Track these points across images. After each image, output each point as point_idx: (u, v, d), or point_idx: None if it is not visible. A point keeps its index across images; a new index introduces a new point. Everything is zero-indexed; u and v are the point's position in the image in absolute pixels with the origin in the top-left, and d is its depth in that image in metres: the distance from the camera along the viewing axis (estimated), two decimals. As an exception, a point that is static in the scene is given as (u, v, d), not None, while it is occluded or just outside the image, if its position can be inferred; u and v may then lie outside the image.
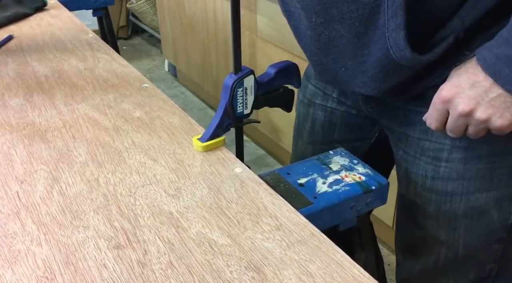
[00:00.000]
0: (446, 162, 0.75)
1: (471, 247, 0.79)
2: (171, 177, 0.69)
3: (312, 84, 0.94)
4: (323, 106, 0.92)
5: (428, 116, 0.70)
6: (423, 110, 0.73)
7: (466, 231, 0.78)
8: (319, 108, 0.93)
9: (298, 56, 1.74)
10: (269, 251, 0.57)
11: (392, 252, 1.74)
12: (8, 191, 0.67)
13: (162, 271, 0.54)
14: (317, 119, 0.94)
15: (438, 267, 0.82)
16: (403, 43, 0.62)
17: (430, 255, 0.82)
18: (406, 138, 0.80)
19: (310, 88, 0.94)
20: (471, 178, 0.74)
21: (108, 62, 1.08)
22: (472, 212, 0.76)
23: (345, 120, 0.91)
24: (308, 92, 0.95)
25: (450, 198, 0.76)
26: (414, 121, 0.77)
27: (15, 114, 0.86)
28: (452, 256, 0.80)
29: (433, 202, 0.78)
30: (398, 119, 0.80)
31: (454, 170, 0.75)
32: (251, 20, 1.99)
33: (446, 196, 0.77)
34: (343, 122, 0.91)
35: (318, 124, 0.94)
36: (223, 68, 2.36)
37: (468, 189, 0.75)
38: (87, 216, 0.62)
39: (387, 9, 0.61)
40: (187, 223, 0.61)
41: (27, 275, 0.54)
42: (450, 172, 0.75)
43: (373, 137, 0.92)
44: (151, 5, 3.40)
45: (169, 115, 0.85)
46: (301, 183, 0.74)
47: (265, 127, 2.16)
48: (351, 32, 0.67)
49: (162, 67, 3.35)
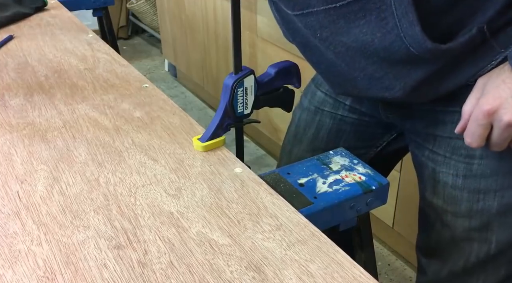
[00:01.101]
0: (480, 159, 0.74)
1: (504, 244, 0.77)
2: (171, 177, 0.69)
3: (322, 91, 0.93)
4: (332, 114, 0.91)
5: (469, 134, 0.67)
6: (454, 109, 0.72)
7: (499, 228, 0.76)
8: (327, 116, 0.92)
9: (298, 56, 1.74)
10: (269, 251, 0.57)
11: (392, 252, 1.75)
12: (8, 191, 0.67)
13: (163, 271, 0.54)
14: (323, 126, 0.93)
15: (468, 267, 0.80)
16: (421, 37, 0.62)
17: (460, 256, 0.80)
18: (434, 139, 0.78)
19: (319, 95, 0.93)
20: (505, 174, 0.73)
21: (108, 62, 1.08)
22: (505, 208, 0.75)
23: (355, 128, 0.90)
24: (316, 99, 0.94)
25: (483, 196, 0.75)
26: (444, 121, 0.76)
27: (15, 114, 0.86)
28: (483, 255, 0.78)
29: (464, 201, 0.76)
30: (424, 121, 0.79)
31: (488, 166, 0.73)
32: (251, 20, 1.99)
33: (479, 194, 0.75)
34: (353, 130, 0.91)
35: (324, 131, 0.93)
36: (223, 68, 2.36)
37: (502, 186, 0.74)
38: (87, 216, 0.62)
39: (395, 11, 0.61)
40: (188, 223, 0.61)
41: (28, 275, 0.54)
42: (484, 169, 0.74)
43: (380, 145, 0.92)
44: (151, 5, 3.40)
45: (169, 115, 0.85)
46: (301, 183, 0.74)
47: (265, 127, 2.16)
48: (358, 42, 0.66)
49: (162, 67, 3.35)
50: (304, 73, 0.84)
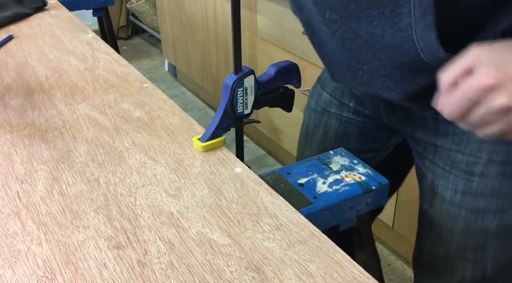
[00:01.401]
0: (480, 177, 0.69)
1: (500, 266, 0.74)
2: (171, 177, 0.69)
3: (327, 92, 0.90)
4: (338, 116, 0.89)
5: (448, 102, 0.54)
6: None
7: (496, 250, 0.73)
8: (333, 117, 0.89)
9: (298, 56, 1.75)
10: (269, 251, 0.57)
11: (392, 252, 1.75)
12: (8, 191, 0.67)
13: (163, 271, 0.54)
14: (331, 128, 0.90)
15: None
16: (435, 45, 0.56)
17: (453, 274, 0.77)
18: (434, 149, 0.74)
19: (324, 96, 0.91)
20: (506, 195, 0.69)
21: (108, 62, 1.08)
22: (504, 231, 0.71)
23: (360, 131, 0.88)
24: (323, 100, 0.91)
25: (482, 216, 0.71)
26: (446, 131, 0.72)
27: (15, 114, 0.86)
28: (479, 276, 0.75)
29: (462, 219, 0.73)
30: (425, 129, 0.75)
31: (488, 186, 0.69)
32: (251, 20, 1.99)
33: (478, 214, 0.71)
34: (358, 133, 0.88)
35: (331, 133, 0.90)
36: (223, 68, 2.36)
37: (502, 207, 0.69)
38: (87, 216, 0.62)
39: (413, 9, 0.56)
40: (188, 223, 0.61)
41: (28, 275, 0.54)
42: (484, 188, 0.69)
43: (388, 149, 0.88)
44: (151, 5, 3.40)
45: (169, 115, 0.86)
46: (301, 183, 0.74)
47: (265, 127, 2.16)
48: (368, 32, 0.62)
49: (162, 67, 3.35)
50: (304, 73, 0.84)
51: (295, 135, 2.14)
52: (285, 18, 1.76)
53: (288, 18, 1.73)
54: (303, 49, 1.70)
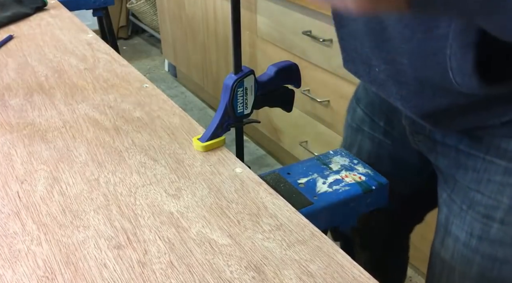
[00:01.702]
0: (500, 224, 0.63)
1: None
2: (171, 177, 0.69)
3: (361, 108, 0.86)
4: (371, 135, 0.84)
5: None
6: (478, 154, 0.63)
7: None
8: (367, 136, 0.85)
9: (298, 56, 1.74)
10: (269, 251, 0.57)
11: (392, 252, 1.74)
12: (8, 191, 0.67)
13: (163, 271, 0.54)
14: (364, 148, 0.86)
15: None
16: (470, 68, 0.49)
17: None
18: (454, 183, 0.68)
19: (358, 113, 0.86)
20: None
21: (108, 62, 1.08)
22: None
23: (392, 154, 0.82)
24: (357, 116, 0.87)
25: (499, 265, 0.65)
26: (466, 165, 0.66)
27: (15, 114, 0.86)
28: None
29: (476, 265, 0.67)
30: (447, 159, 0.70)
31: (509, 234, 0.63)
32: (251, 20, 1.99)
33: (495, 262, 0.65)
34: (391, 157, 0.83)
35: (365, 154, 0.86)
36: (223, 68, 2.36)
37: None
38: (87, 216, 0.62)
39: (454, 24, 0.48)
40: (188, 223, 0.61)
41: (28, 275, 0.54)
42: (503, 236, 0.63)
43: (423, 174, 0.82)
44: (151, 5, 3.40)
45: (169, 115, 0.86)
46: (301, 183, 0.74)
47: (265, 127, 2.16)
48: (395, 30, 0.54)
49: (162, 67, 3.35)
50: (304, 73, 0.84)
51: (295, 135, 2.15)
52: (285, 18, 1.76)
53: (288, 18, 1.73)
54: (303, 49, 1.70)
